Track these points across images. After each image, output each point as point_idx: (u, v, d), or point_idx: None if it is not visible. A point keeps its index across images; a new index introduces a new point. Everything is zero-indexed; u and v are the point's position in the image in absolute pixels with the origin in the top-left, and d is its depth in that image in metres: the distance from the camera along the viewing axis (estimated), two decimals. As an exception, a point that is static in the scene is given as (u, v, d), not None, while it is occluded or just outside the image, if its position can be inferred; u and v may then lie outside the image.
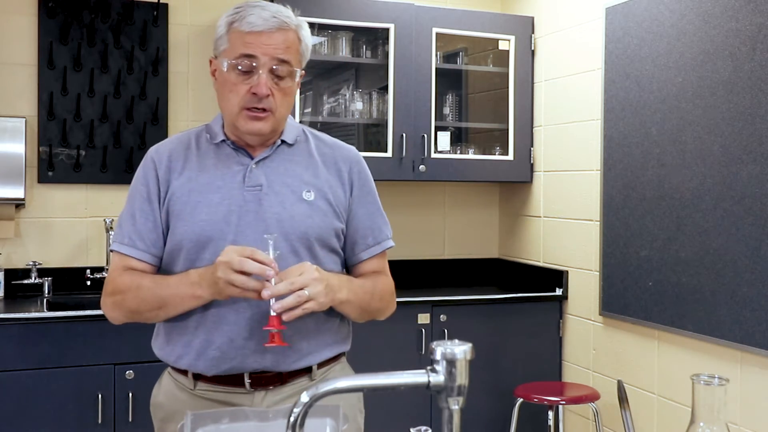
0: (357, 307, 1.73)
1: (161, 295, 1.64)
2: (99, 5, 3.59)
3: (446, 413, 0.98)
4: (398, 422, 1.92)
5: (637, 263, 3.23)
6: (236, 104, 1.67)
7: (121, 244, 1.71)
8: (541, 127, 3.94)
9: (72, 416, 3.02)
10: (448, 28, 3.83)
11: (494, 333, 3.68)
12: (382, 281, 1.82)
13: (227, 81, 1.68)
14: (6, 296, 3.40)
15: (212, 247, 1.65)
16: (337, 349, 1.78)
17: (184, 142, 1.76)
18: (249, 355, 1.65)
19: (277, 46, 1.65)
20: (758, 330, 2.69)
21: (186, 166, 1.72)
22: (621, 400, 1.33)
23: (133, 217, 1.71)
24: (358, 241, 1.79)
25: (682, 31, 3.01)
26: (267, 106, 1.66)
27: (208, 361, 1.66)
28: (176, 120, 3.72)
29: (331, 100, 3.86)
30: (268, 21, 1.65)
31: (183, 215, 1.68)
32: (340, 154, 1.81)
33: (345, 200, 1.77)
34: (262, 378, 1.68)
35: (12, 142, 3.39)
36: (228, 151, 1.73)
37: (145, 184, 1.72)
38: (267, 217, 1.67)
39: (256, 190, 1.69)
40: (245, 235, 1.65)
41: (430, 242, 4.22)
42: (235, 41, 1.66)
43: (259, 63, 1.64)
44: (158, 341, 1.76)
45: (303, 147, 1.78)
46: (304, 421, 0.96)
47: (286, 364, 1.68)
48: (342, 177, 1.77)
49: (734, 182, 2.79)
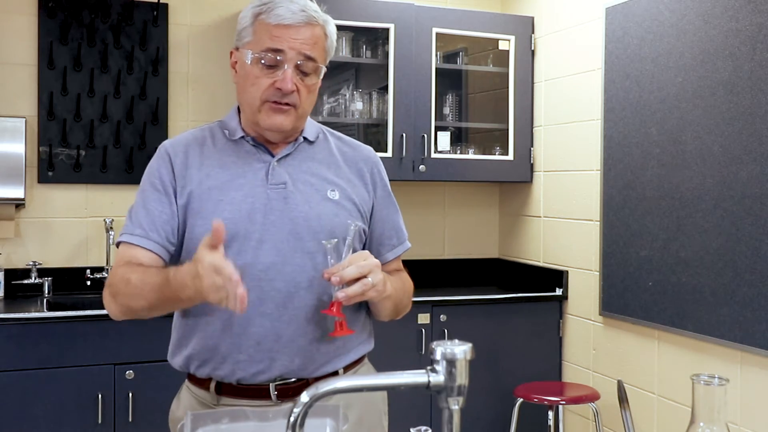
0: (394, 303, 1.69)
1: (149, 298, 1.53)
2: (99, 5, 3.59)
3: (446, 413, 0.98)
4: (398, 422, 1.91)
5: (637, 263, 3.23)
6: (258, 98, 1.61)
7: (131, 235, 1.61)
8: (541, 127, 3.94)
9: (72, 416, 3.02)
10: (448, 28, 3.83)
11: (494, 333, 3.68)
12: (407, 279, 1.80)
13: (249, 74, 1.61)
14: (6, 296, 3.40)
15: (236, 246, 1.57)
16: (362, 350, 1.74)
17: (199, 139, 1.70)
18: (277, 358, 1.59)
19: (305, 41, 1.60)
20: (758, 330, 2.69)
21: (204, 162, 1.65)
22: (621, 400, 1.33)
23: (146, 207, 1.62)
24: (384, 242, 1.77)
25: (682, 31, 3.01)
26: (291, 101, 1.61)
27: (234, 365, 1.60)
28: (176, 120, 3.72)
29: (331, 100, 3.86)
30: (296, 15, 1.59)
31: (203, 213, 1.60)
32: (360, 154, 1.77)
33: (369, 201, 1.74)
34: (288, 389, 1.61)
35: (12, 142, 3.39)
36: (248, 148, 1.67)
37: (159, 177, 1.64)
38: (294, 216, 1.61)
39: (281, 187, 1.63)
40: (271, 234, 1.60)
41: (430, 242, 4.22)
42: (261, 33, 1.60)
43: (285, 58, 1.59)
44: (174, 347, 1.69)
45: (324, 145, 1.74)
46: (304, 421, 0.95)
47: (314, 367, 1.62)
48: (364, 177, 1.74)
49: (734, 182, 2.79)
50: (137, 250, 1.60)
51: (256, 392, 1.61)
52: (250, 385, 1.61)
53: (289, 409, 0.97)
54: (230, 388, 1.62)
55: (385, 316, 1.73)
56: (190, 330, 1.65)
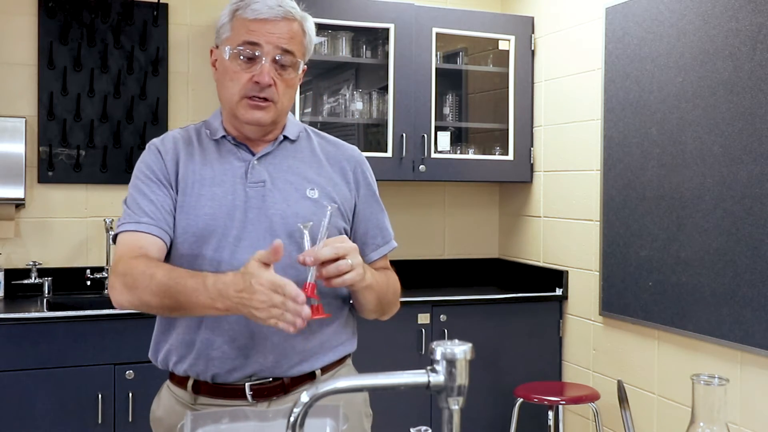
0: (376, 296, 1.66)
1: (177, 299, 1.49)
2: (99, 5, 3.59)
3: (446, 413, 0.98)
4: (398, 422, 1.91)
5: (637, 263, 3.23)
6: (236, 93, 1.63)
7: (138, 223, 1.60)
8: (541, 127, 3.94)
9: (72, 416, 3.02)
10: (448, 28, 3.83)
11: (494, 333, 3.68)
12: (392, 276, 1.78)
13: (228, 69, 1.64)
14: (6, 296, 3.40)
15: (214, 242, 1.60)
16: (342, 350, 1.72)
17: (185, 137, 1.72)
18: (251, 355, 1.61)
19: (282, 35, 1.62)
20: (758, 330, 2.69)
21: (190, 159, 1.68)
22: (621, 400, 1.33)
23: (144, 196, 1.63)
24: (368, 242, 1.76)
25: (682, 31, 3.01)
26: (269, 96, 1.62)
27: (209, 361, 1.61)
28: (176, 120, 3.72)
29: (331, 100, 3.86)
30: (273, 9, 1.62)
31: (186, 208, 1.63)
32: (343, 153, 1.77)
33: (351, 200, 1.74)
34: (264, 389, 1.62)
35: (12, 142, 3.39)
36: (229, 147, 1.70)
37: (151, 169, 1.66)
38: (271, 213, 1.63)
39: (259, 186, 1.65)
40: (249, 232, 1.62)
41: (430, 242, 4.22)
42: (238, 28, 1.63)
43: (262, 51, 1.61)
44: (156, 344, 1.71)
45: (305, 144, 1.75)
46: (304, 421, 0.95)
47: (288, 366, 1.63)
48: (347, 176, 1.74)
49: (734, 182, 2.79)
50: (145, 238, 1.59)
51: (232, 392, 1.62)
52: (225, 384, 1.62)
53: (289, 409, 0.97)
54: (207, 387, 1.64)
55: (369, 311, 1.70)
56: (169, 324, 1.67)
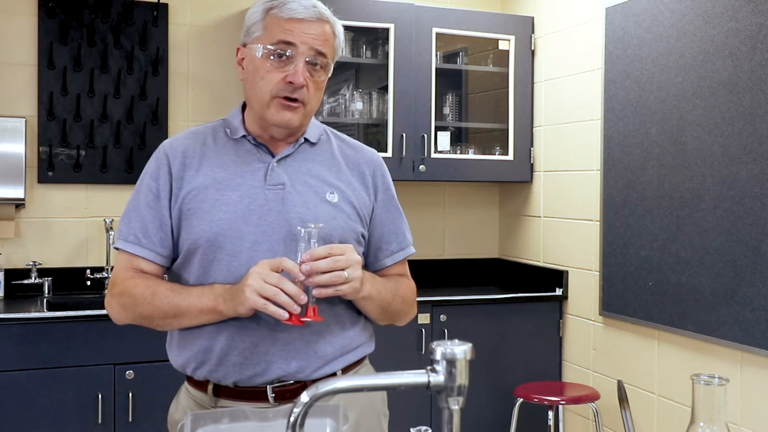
0: (378, 305, 1.66)
1: (179, 305, 1.56)
2: (99, 5, 3.59)
3: (446, 413, 0.98)
4: (398, 422, 1.91)
5: (637, 263, 3.23)
6: (268, 92, 1.60)
7: (125, 242, 1.63)
8: (541, 127, 3.94)
9: (72, 416, 3.02)
10: (448, 28, 3.83)
11: (494, 333, 3.68)
12: (405, 284, 1.77)
13: (259, 68, 1.61)
14: (6, 296, 3.40)
15: (230, 247, 1.58)
16: (361, 351, 1.71)
17: (200, 138, 1.69)
18: (274, 361, 1.58)
19: (317, 36, 1.61)
20: (758, 330, 2.69)
21: (203, 163, 1.64)
22: (621, 400, 1.33)
23: (139, 212, 1.63)
24: (383, 247, 1.74)
25: (682, 31, 3.01)
26: (300, 97, 1.60)
27: (230, 367, 1.59)
28: (176, 120, 3.72)
29: (331, 100, 3.86)
30: (309, 9, 1.61)
31: (199, 213, 1.60)
32: (363, 157, 1.75)
33: (369, 205, 1.72)
34: (286, 391, 1.61)
35: (12, 142, 3.39)
36: (248, 147, 1.67)
37: (156, 179, 1.64)
38: (290, 217, 1.59)
39: (278, 188, 1.62)
40: (267, 235, 1.59)
41: (430, 242, 4.22)
42: (272, 27, 1.60)
43: (296, 51, 1.59)
44: (174, 347, 1.68)
45: (325, 147, 1.73)
46: (304, 421, 0.95)
47: (311, 370, 1.61)
48: (366, 181, 1.72)
49: (734, 182, 2.79)
50: (140, 261, 1.64)
51: (254, 394, 1.61)
52: (247, 387, 1.61)
53: (289, 409, 0.97)
54: (228, 390, 1.62)
55: (372, 319, 1.73)
56: (189, 331, 1.64)
